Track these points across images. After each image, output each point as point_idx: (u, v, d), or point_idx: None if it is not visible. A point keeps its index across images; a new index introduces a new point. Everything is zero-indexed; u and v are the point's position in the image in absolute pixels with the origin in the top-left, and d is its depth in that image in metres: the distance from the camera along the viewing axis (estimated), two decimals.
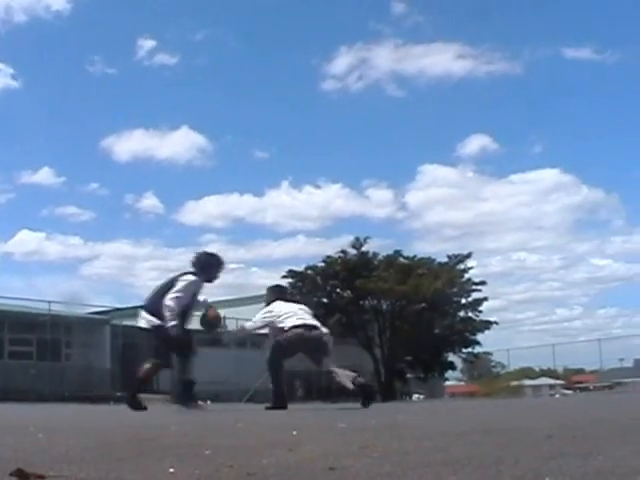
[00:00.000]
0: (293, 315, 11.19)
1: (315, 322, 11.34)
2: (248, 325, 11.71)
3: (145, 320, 10.56)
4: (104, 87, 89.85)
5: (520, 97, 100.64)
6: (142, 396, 10.43)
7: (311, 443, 3.84)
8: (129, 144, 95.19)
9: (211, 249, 13.55)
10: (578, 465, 2.62)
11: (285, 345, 11.07)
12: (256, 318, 11.50)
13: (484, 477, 2.38)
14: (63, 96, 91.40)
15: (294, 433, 4.68)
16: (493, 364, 71.04)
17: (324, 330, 11.34)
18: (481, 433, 4.33)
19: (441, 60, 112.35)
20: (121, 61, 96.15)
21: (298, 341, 11.02)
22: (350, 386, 10.77)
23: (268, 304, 11.55)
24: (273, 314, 11.29)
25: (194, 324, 11.08)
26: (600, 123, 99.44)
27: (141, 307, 10.87)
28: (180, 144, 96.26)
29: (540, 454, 2.99)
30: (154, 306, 10.44)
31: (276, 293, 11.95)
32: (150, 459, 3.16)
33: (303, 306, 11.83)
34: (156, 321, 10.34)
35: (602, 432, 4.17)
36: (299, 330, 11.02)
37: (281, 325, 11.09)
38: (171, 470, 2.76)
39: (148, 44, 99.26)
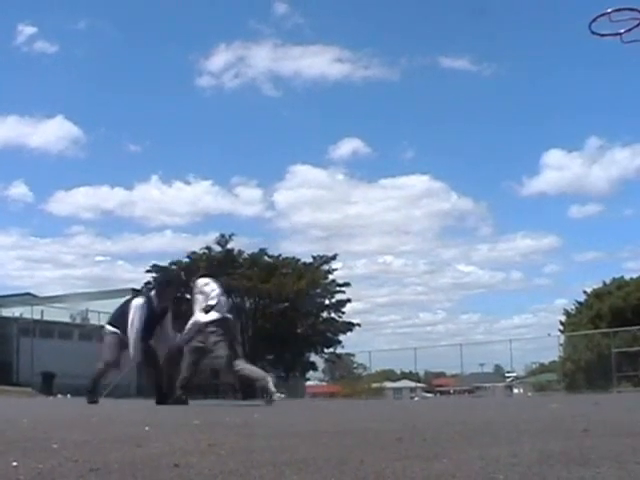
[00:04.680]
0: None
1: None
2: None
3: None
4: None
5: (395, 103, 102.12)
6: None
7: (161, 439, 3.83)
8: (1, 131, 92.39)
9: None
10: (422, 467, 2.67)
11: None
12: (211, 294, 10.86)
13: (326, 477, 2.40)
14: None
15: (146, 429, 4.67)
16: (355, 365, 71.85)
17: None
18: (332, 434, 4.37)
19: (319, 62, 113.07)
20: None
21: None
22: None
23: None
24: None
25: None
26: (472, 133, 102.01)
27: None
28: (53, 133, 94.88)
29: (387, 456, 3.03)
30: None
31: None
32: None
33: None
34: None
35: (452, 435, 4.25)
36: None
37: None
38: (14, 464, 2.74)
39: (28, 30, 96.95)
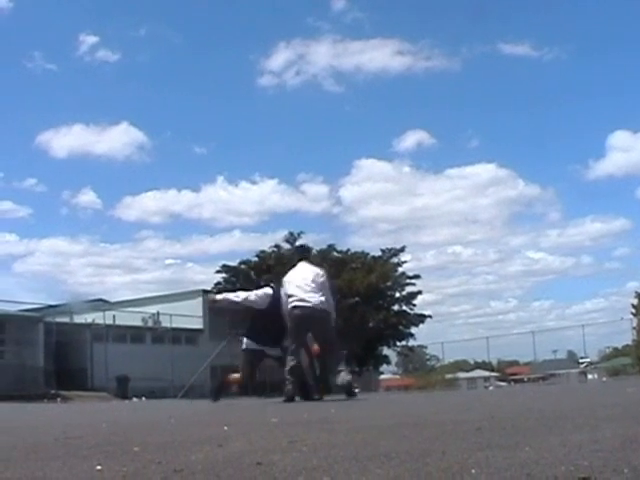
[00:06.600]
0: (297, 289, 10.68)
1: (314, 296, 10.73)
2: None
3: None
4: (43, 82, 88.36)
5: (457, 93, 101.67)
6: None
7: (241, 439, 3.83)
8: (68, 139, 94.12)
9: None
10: (504, 456, 2.64)
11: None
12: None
13: (410, 470, 2.39)
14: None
15: (225, 429, 4.68)
16: (428, 357, 71.63)
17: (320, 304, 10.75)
18: (411, 426, 4.35)
19: (379, 56, 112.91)
20: (62, 57, 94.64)
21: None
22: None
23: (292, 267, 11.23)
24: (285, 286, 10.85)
25: None
26: (536, 119, 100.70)
27: None
28: (119, 140, 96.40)
29: (468, 446, 3.01)
30: None
31: (299, 254, 11.92)
32: (77, 457, 3.15)
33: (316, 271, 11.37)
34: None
35: (531, 423, 4.21)
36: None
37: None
38: (98, 468, 2.75)
39: (90, 40, 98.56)
